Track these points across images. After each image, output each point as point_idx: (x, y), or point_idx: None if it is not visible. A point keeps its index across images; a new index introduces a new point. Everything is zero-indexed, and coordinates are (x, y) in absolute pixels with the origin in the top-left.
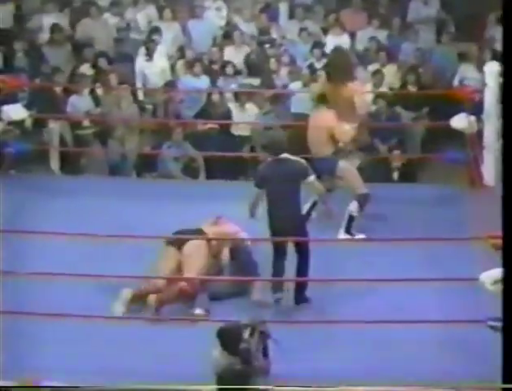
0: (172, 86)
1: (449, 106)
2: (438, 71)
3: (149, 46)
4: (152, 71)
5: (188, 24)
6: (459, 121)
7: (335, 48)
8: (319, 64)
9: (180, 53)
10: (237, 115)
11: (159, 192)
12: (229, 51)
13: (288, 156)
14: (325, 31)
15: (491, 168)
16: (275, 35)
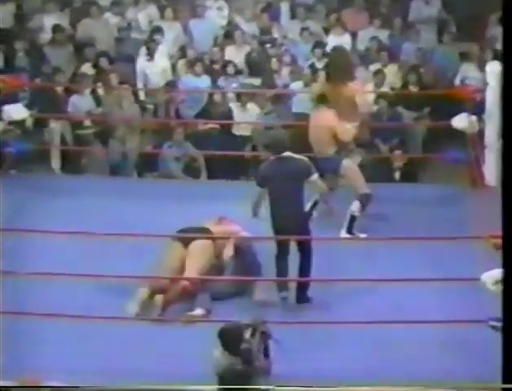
0: (173, 86)
1: (451, 106)
2: (439, 71)
3: (150, 46)
4: (153, 71)
5: (190, 24)
6: (460, 121)
7: (334, 48)
8: (320, 64)
9: (181, 53)
10: (238, 115)
11: (160, 192)
12: (230, 51)
13: (291, 155)
14: (327, 31)
15: (492, 168)
16: (276, 35)
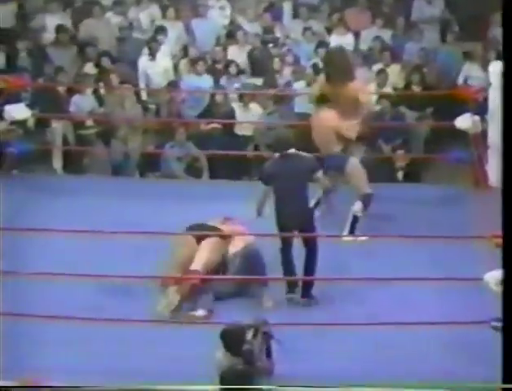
0: (175, 86)
1: (453, 106)
2: (442, 71)
3: (152, 46)
4: (155, 71)
5: (192, 24)
6: (463, 121)
7: (333, 48)
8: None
9: (183, 52)
10: (241, 115)
11: (162, 192)
12: (233, 51)
13: (296, 152)
14: (329, 30)
15: (495, 168)
16: (278, 34)
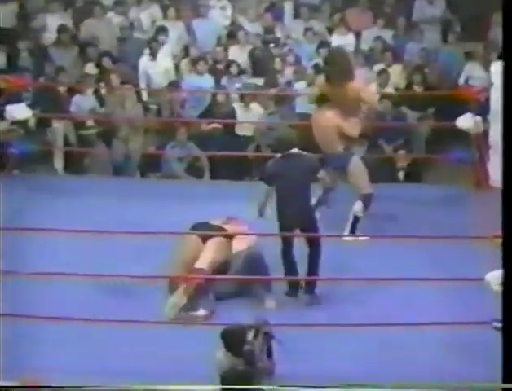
0: (176, 86)
1: (455, 106)
2: (444, 71)
3: (153, 46)
4: (156, 71)
5: (193, 24)
6: (465, 121)
7: (333, 49)
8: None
9: (184, 52)
10: (242, 115)
11: (163, 192)
12: (234, 51)
13: (299, 151)
14: (330, 30)
15: (497, 168)
16: (279, 34)
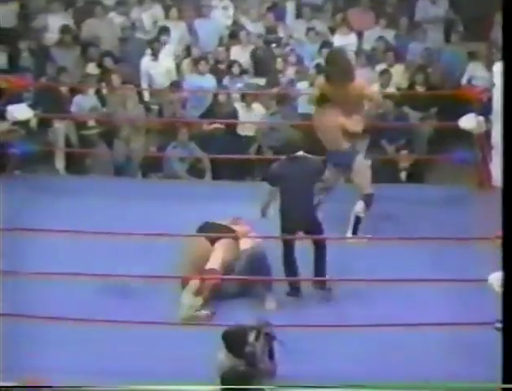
0: (178, 86)
1: (458, 106)
2: (446, 71)
3: (154, 46)
4: (158, 71)
5: (195, 24)
6: (467, 121)
7: (334, 49)
8: None
9: (186, 52)
10: (243, 115)
11: (164, 193)
12: (235, 51)
13: (304, 154)
14: (332, 30)
15: (499, 168)
16: (281, 34)
